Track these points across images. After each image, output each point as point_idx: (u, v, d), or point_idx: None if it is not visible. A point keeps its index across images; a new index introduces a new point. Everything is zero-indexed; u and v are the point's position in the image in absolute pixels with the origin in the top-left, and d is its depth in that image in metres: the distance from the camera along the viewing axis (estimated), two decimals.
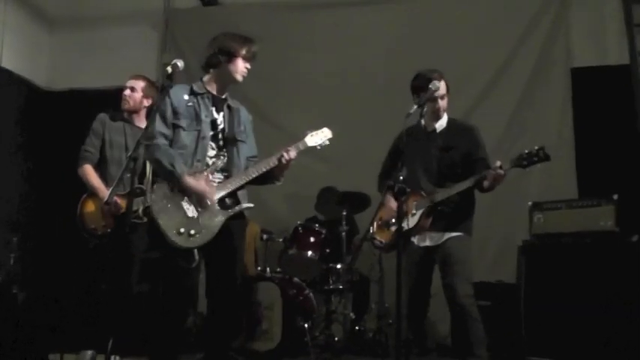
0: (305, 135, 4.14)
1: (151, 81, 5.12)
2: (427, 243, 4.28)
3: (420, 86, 4.23)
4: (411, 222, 4.26)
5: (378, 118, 6.49)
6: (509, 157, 4.10)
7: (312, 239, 5.79)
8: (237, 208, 3.85)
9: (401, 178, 3.78)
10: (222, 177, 3.88)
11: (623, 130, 6.10)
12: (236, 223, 3.88)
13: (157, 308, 3.87)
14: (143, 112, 5.04)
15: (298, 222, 5.98)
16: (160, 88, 3.94)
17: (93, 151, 4.87)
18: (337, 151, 6.77)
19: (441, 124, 4.38)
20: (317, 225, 5.92)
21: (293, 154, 3.93)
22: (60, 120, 7.33)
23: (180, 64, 3.73)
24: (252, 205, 3.93)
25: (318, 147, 4.16)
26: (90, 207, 4.80)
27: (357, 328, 5.83)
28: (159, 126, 3.82)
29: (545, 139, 4.67)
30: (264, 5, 7.40)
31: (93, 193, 4.80)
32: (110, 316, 4.47)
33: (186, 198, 3.75)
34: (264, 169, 3.92)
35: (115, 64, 7.29)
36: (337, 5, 7.26)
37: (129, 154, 4.72)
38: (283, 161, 3.90)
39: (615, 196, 4.90)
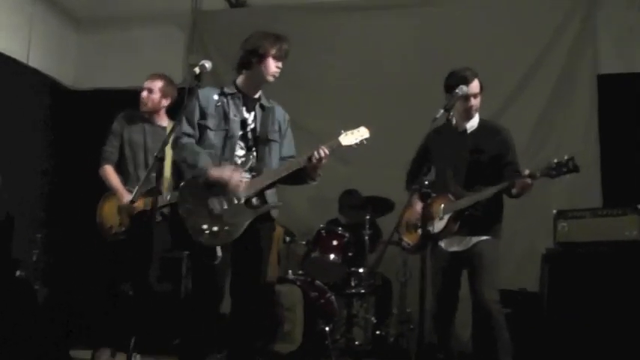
0: (339, 134, 3.99)
1: (169, 79, 5.12)
2: (455, 248, 4.21)
3: (453, 85, 4.16)
4: (438, 226, 4.20)
5: (401, 121, 6.49)
6: (534, 162, 4.09)
7: (335, 242, 5.78)
8: (265, 207, 3.83)
9: (426, 182, 3.81)
10: (250, 177, 3.85)
11: None
12: (265, 226, 3.89)
13: (180, 307, 3.91)
14: (163, 111, 5.10)
15: (321, 225, 5.98)
16: (188, 89, 3.93)
17: (113, 151, 4.96)
18: (359, 154, 6.79)
19: (472, 124, 4.29)
20: (340, 228, 5.93)
21: (324, 152, 3.82)
22: (86, 119, 7.38)
23: (208, 65, 3.75)
24: (280, 203, 3.93)
25: (355, 146, 4.01)
26: (108, 206, 4.91)
27: (378, 332, 5.82)
28: (184, 127, 3.86)
29: (571, 146, 4.67)
30: (291, 8, 7.42)
31: (112, 193, 4.89)
32: (131, 314, 4.49)
33: (212, 196, 3.73)
34: (294, 168, 3.86)
35: (141, 64, 7.31)
36: (363, 8, 7.27)
37: (148, 152, 4.90)
38: (314, 160, 3.80)
39: None
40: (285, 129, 4.12)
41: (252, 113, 3.98)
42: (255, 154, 3.89)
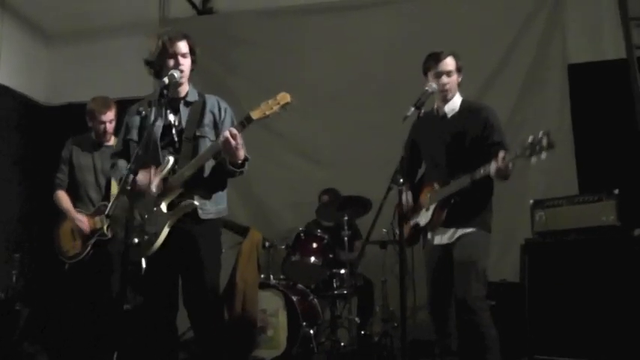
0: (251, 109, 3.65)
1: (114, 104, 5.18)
2: (442, 241, 4.03)
3: (427, 66, 4.09)
4: (425, 217, 4.09)
5: (378, 122, 6.51)
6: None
7: (314, 245, 5.77)
8: (181, 205, 3.66)
9: (401, 180, 3.74)
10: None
11: (622, 124, 6.10)
12: (200, 227, 3.74)
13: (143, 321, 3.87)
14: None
15: (300, 228, 5.97)
16: (156, 101, 3.89)
17: (63, 178, 5.13)
18: (337, 156, 6.86)
19: (453, 107, 4.09)
20: (319, 230, 5.92)
21: (232, 132, 3.53)
22: (59, 134, 7.28)
23: (177, 74, 3.70)
24: (197, 203, 3.67)
25: (271, 116, 3.64)
26: (63, 230, 5.10)
27: (362, 332, 5.80)
28: (115, 147, 3.97)
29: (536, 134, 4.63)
30: (260, 12, 7.42)
31: (66, 217, 5.05)
32: (106, 330, 4.57)
33: (135, 209, 3.56)
34: (210, 154, 3.68)
35: (112, 76, 7.33)
36: (332, 10, 7.26)
37: (98, 174, 5.09)
38: (222, 140, 3.54)
39: (616, 191, 4.88)
40: (222, 118, 3.90)
41: (178, 114, 3.84)
42: (170, 157, 3.72)
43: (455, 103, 4.11)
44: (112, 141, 5.12)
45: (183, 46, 3.80)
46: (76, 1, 7.84)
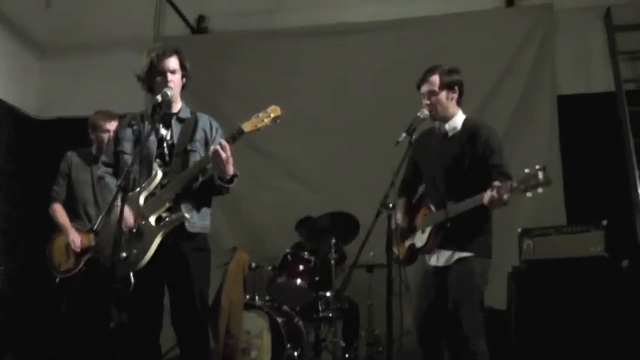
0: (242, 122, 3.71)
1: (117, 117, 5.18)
2: (439, 263, 3.96)
3: (419, 84, 4.08)
4: (420, 240, 4.04)
5: (368, 145, 6.54)
6: None
7: (301, 267, 5.76)
8: (171, 218, 3.67)
9: (390, 205, 3.73)
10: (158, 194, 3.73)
11: (610, 155, 6.15)
12: (189, 243, 3.75)
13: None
14: None
15: (287, 250, 5.95)
16: (148, 115, 3.91)
17: (60, 191, 5.12)
18: (326, 179, 6.86)
19: (454, 126, 4.02)
20: (306, 253, 5.89)
21: (221, 144, 3.58)
22: (49, 148, 7.28)
23: (170, 92, 3.75)
24: (187, 216, 3.69)
25: (262, 129, 3.72)
26: (57, 244, 5.07)
27: (347, 356, 5.77)
28: (102, 157, 3.97)
29: (533, 165, 4.66)
30: (254, 34, 7.46)
31: (61, 231, 5.04)
32: (94, 346, 4.55)
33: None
34: (199, 168, 3.72)
35: (104, 92, 7.31)
36: (325, 33, 7.30)
37: (96, 189, 4.97)
38: (213, 151, 3.58)
39: (604, 222, 4.90)
40: (212, 136, 3.94)
41: (170, 129, 3.88)
42: (158, 170, 3.73)
43: (456, 121, 4.05)
44: None
45: (172, 63, 3.85)
46: (71, 15, 7.89)
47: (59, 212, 5.06)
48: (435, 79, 4.01)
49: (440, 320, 4.00)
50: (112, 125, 5.00)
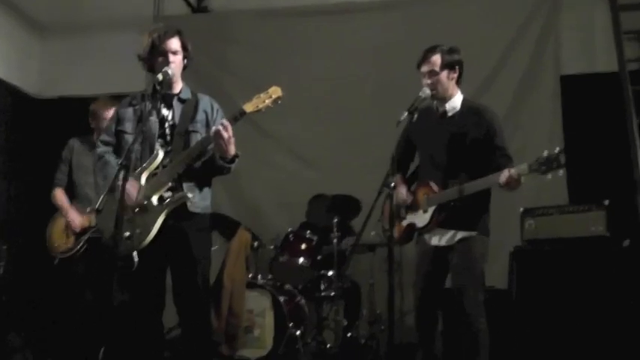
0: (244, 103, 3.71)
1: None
2: (441, 242, 3.97)
3: (419, 64, 4.05)
4: (422, 220, 4.02)
5: (369, 124, 6.53)
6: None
7: (303, 246, 5.78)
8: (174, 197, 3.66)
9: (392, 185, 3.70)
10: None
11: (613, 136, 6.13)
12: (190, 222, 3.75)
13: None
14: None
15: (289, 229, 5.96)
16: (149, 95, 3.90)
17: (62, 177, 5.23)
18: (328, 158, 6.85)
19: (453, 106, 4.01)
20: (308, 232, 5.90)
21: (223, 124, 3.58)
22: (50, 127, 7.28)
23: (170, 71, 3.74)
24: (190, 195, 3.69)
25: (264, 110, 3.71)
26: (56, 226, 5.18)
27: (349, 334, 5.80)
28: (102, 136, 3.95)
29: (536, 145, 4.68)
30: (254, 13, 7.40)
31: (61, 214, 5.14)
32: (96, 326, 4.55)
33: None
34: (200, 148, 3.72)
35: (105, 71, 7.29)
36: (326, 12, 7.25)
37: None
38: (214, 131, 3.59)
39: (606, 202, 4.91)
40: (214, 117, 3.93)
41: (171, 109, 3.88)
42: (159, 150, 3.73)
43: (455, 101, 4.05)
44: None
45: (174, 43, 3.84)
46: None
47: (59, 196, 5.16)
48: (437, 58, 4.00)
49: (438, 300, 4.04)
50: (111, 112, 5.02)
